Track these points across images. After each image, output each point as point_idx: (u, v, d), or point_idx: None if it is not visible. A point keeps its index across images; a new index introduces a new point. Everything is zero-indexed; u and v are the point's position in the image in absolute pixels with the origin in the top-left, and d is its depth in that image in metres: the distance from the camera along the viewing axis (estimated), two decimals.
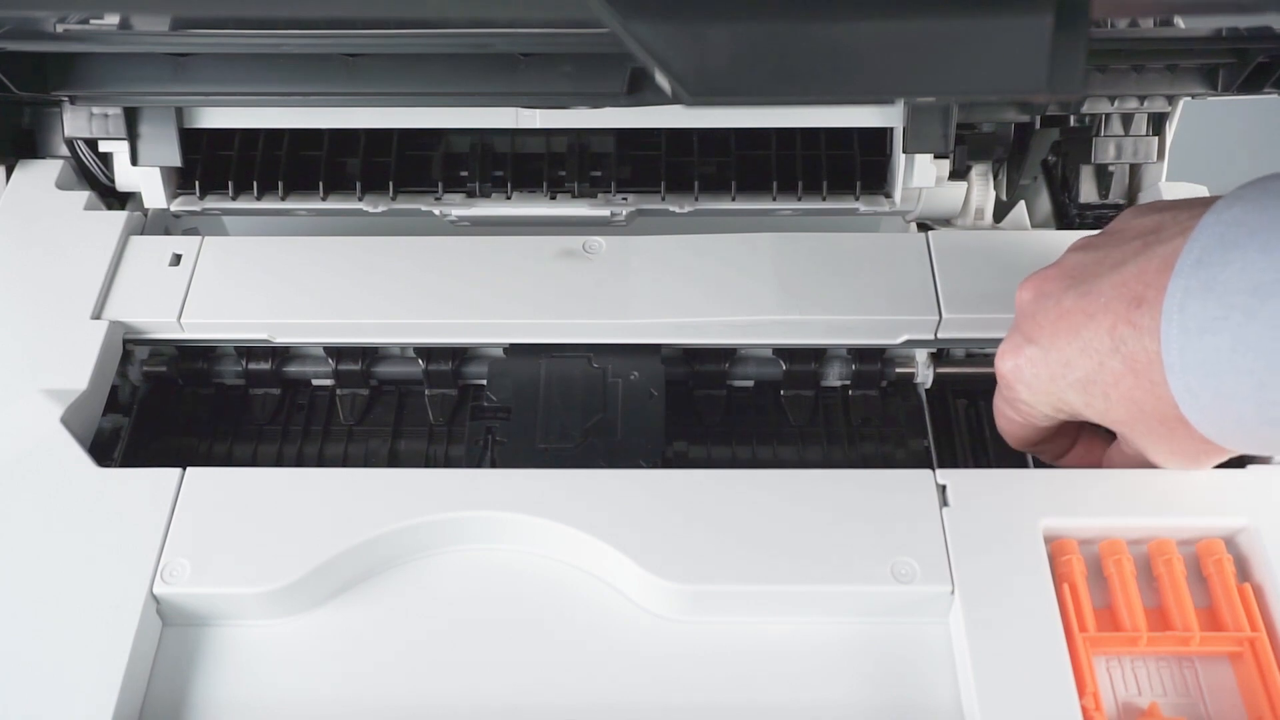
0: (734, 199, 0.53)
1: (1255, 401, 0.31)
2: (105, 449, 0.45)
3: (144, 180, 0.53)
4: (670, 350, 0.47)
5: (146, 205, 0.53)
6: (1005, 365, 0.39)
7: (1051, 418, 0.39)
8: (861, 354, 0.47)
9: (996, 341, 0.40)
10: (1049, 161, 0.57)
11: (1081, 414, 0.38)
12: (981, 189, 0.55)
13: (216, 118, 0.52)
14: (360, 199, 0.53)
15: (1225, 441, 0.35)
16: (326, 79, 0.48)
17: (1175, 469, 0.39)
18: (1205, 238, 0.32)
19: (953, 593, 0.37)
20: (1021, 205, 0.56)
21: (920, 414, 0.47)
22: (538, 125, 0.51)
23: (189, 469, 0.40)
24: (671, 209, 0.53)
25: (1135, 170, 0.54)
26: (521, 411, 0.44)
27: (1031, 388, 0.38)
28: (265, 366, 0.48)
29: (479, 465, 0.44)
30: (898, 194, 0.53)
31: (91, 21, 0.48)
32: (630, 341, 0.46)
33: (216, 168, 0.54)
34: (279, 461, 0.47)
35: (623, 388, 0.44)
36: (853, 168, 0.54)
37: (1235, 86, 0.49)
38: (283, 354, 0.48)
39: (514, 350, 0.46)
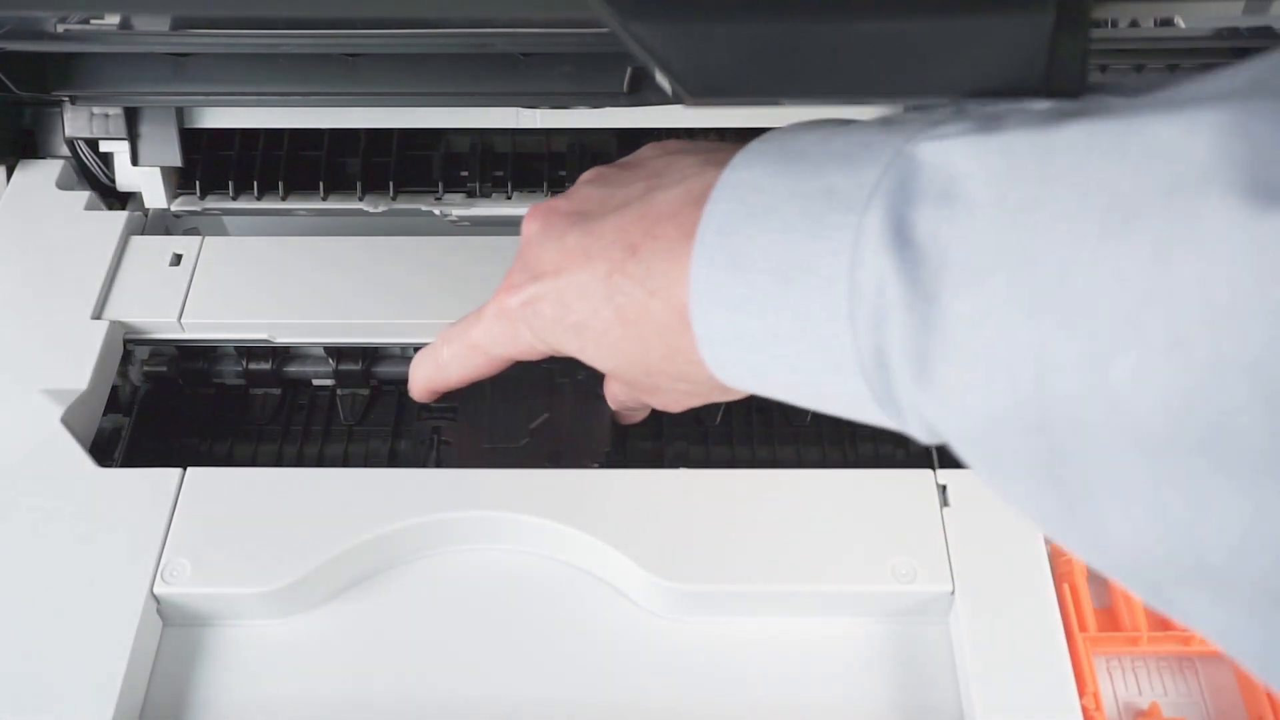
0: None
1: (784, 382, 0.30)
2: (105, 449, 0.45)
3: (144, 180, 0.53)
4: None
5: (147, 205, 0.53)
6: (513, 301, 0.36)
7: (536, 356, 0.37)
8: None
9: None
10: None
11: (575, 357, 0.36)
12: None
13: (216, 118, 0.52)
14: (360, 199, 0.53)
15: (747, 389, 0.33)
16: (326, 79, 0.48)
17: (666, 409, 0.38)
18: (727, 201, 0.30)
19: (953, 593, 0.37)
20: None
21: None
22: (538, 125, 0.51)
23: (189, 469, 0.40)
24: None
25: None
26: (468, 412, 0.44)
27: (535, 328, 0.35)
28: (265, 366, 0.48)
29: (424, 465, 0.44)
30: None
31: (91, 21, 0.48)
32: None
33: (217, 168, 0.54)
34: (279, 461, 0.47)
35: (570, 388, 0.44)
36: None
37: None
38: (283, 354, 0.48)
39: None
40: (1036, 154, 0.23)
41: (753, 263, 0.29)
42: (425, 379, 0.41)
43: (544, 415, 0.44)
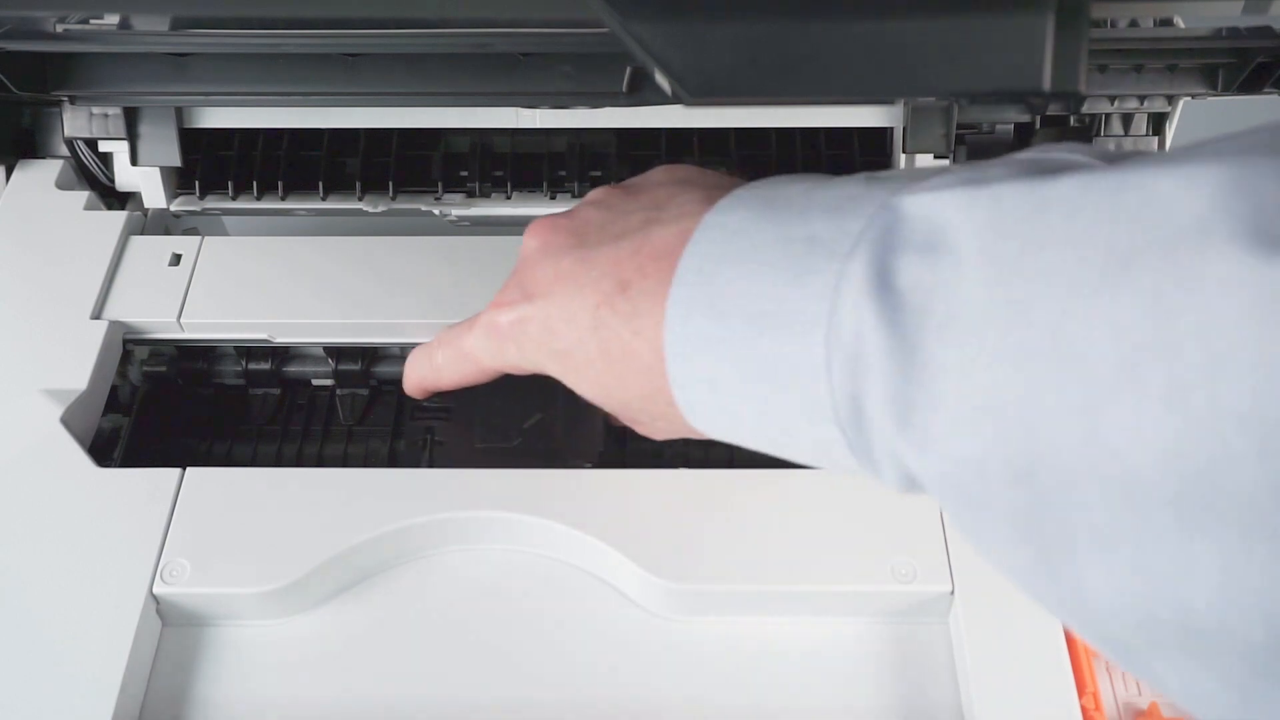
0: None
1: (756, 428, 0.30)
2: (105, 449, 0.45)
3: (144, 180, 0.53)
4: None
5: (146, 205, 0.53)
6: (503, 319, 0.35)
7: (524, 371, 0.37)
8: None
9: None
10: None
11: (556, 378, 0.36)
12: None
13: (216, 118, 0.52)
14: (360, 199, 0.53)
15: (720, 437, 0.33)
16: (326, 79, 0.48)
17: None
18: (707, 243, 0.30)
19: (953, 593, 0.37)
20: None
21: None
22: (538, 125, 0.51)
23: (189, 469, 0.40)
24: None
25: None
26: (461, 411, 0.44)
27: (522, 348, 0.35)
28: (265, 366, 0.48)
29: (417, 465, 0.44)
30: None
31: (91, 21, 0.48)
32: None
33: (216, 168, 0.54)
34: (279, 461, 0.47)
35: (564, 387, 0.44)
36: (853, 168, 0.53)
37: (1235, 86, 0.49)
38: (283, 354, 0.48)
39: None
40: (1028, 206, 0.23)
41: (730, 306, 0.28)
42: (418, 378, 0.41)
43: (537, 415, 0.44)
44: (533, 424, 0.44)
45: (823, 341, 0.26)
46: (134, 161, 0.52)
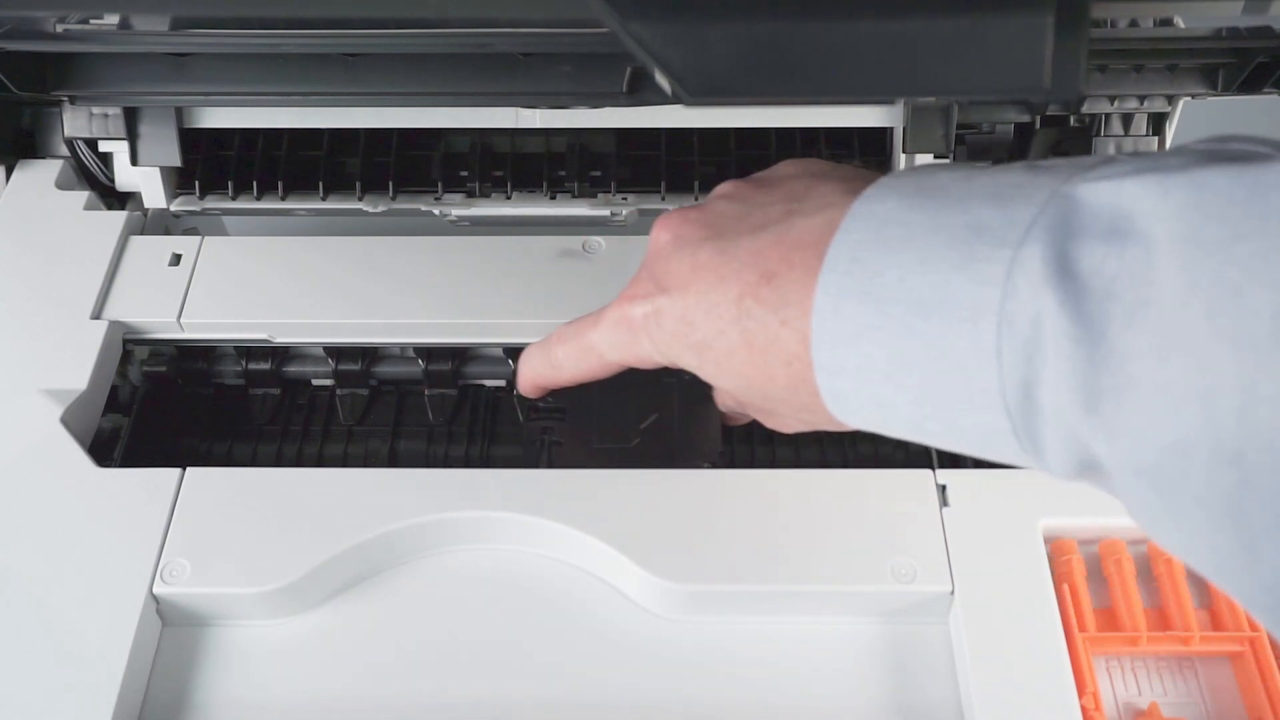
0: None
1: (908, 416, 0.29)
2: (105, 449, 0.45)
3: (144, 180, 0.53)
4: None
5: (146, 205, 0.53)
6: (637, 311, 0.35)
7: (651, 365, 0.37)
8: None
9: None
10: None
11: (693, 373, 0.35)
12: None
13: (216, 118, 0.52)
14: (360, 199, 0.53)
15: (869, 429, 0.32)
16: (326, 79, 0.48)
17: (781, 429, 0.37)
18: (860, 232, 0.29)
19: (953, 593, 0.37)
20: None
21: None
22: (538, 125, 0.51)
23: (189, 469, 0.40)
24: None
25: None
26: (576, 412, 0.44)
27: (656, 341, 0.35)
28: (265, 366, 0.48)
29: (535, 466, 0.43)
30: None
31: (91, 21, 0.48)
32: None
33: (216, 168, 0.54)
34: (279, 461, 0.47)
35: (678, 387, 0.44)
36: (853, 168, 0.53)
37: (1235, 86, 0.49)
38: (283, 354, 0.48)
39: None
40: (1240, 191, 0.23)
41: (886, 293, 0.28)
42: (535, 375, 0.40)
43: (653, 415, 0.44)
44: (649, 424, 0.43)
45: (994, 328, 0.26)
46: (134, 161, 0.52)
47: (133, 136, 0.51)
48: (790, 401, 0.33)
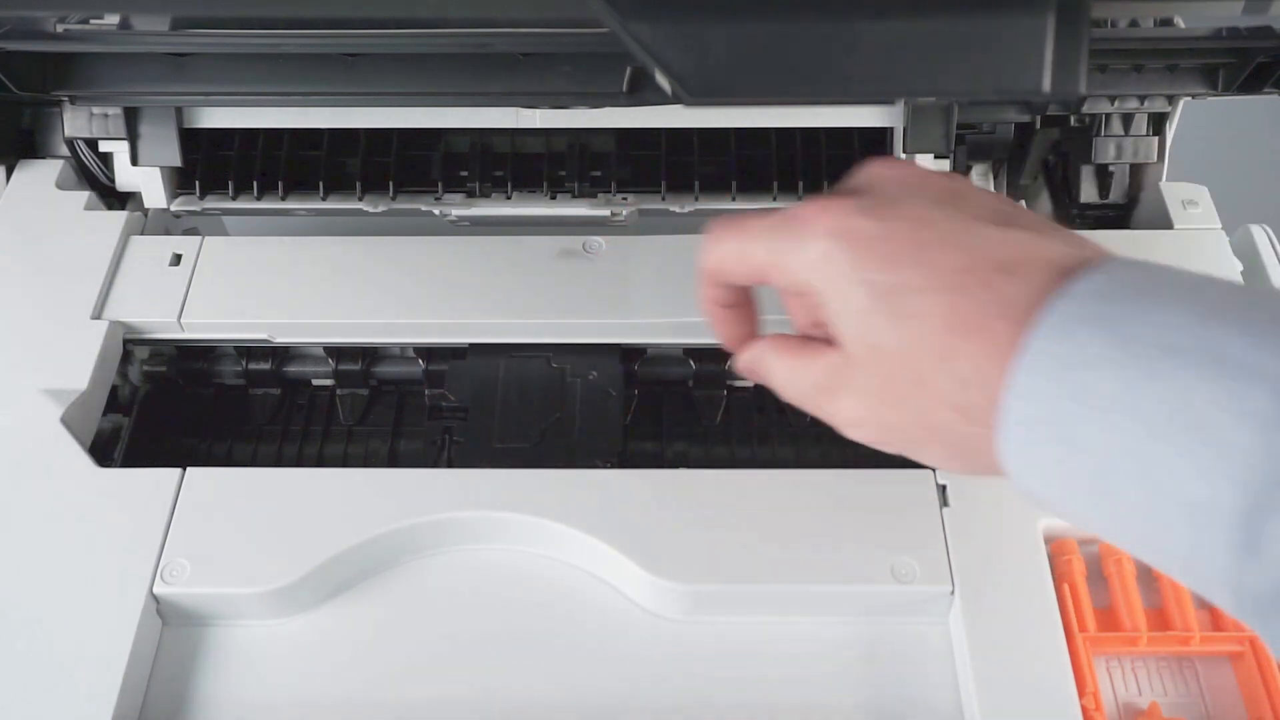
0: (734, 199, 0.53)
1: (1096, 466, 0.25)
2: (105, 449, 0.45)
3: (144, 180, 0.53)
4: (671, 350, 0.47)
5: (146, 205, 0.53)
6: (825, 220, 0.30)
7: (780, 282, 0.32)
8: None
9: None
10: (1049, 161, 0.57)
11: (829, 312, 0.30)
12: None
13: (216, 118, 0.52)
14: (360, 199, 0.53)
15: (1017, 477, 0.28)
16: (326, 79, 0.48)
17: (855, 432, 0.32)
18: (1120, 275, 0.27)
19: (953, 593, 0.37)
20: (1021, 205, 0.56)
21: None
22: (538, 125, 0.51)
23: (189, 469, 0.40)
24: (672, 209, 0.53)
25: (1135, 170, 0.54)
26: (479, 411, 0.44)
27: (830, 257, 0.30)
28: (265, 366, 0.48)
29: (435, 464, 0.44)
30: None
31: (91, 21, 0.48)
32: (632, 341, 0.46)
33: (216, 168, 0.54)
34: (279, 461, 0.47)
35: (581, 387, 0.44)
36: (853, 168, 0.53)
37: (1235, 86, 0.49)
38: (283, 354, 0.48)
39: (474, 350, 0.46)
40: None
41: (1136, 330, 0.25)
42: (710, 262, 0.34)
43: (555, 415, 0.44)
44: (550, 424, 0.44)
45: (1273, 394, 0.23)
46: (134, 161, 0.52)
47: (133, 136, 0.51)
48: (936, 398, 0.29)
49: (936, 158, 0.51)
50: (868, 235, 0.29)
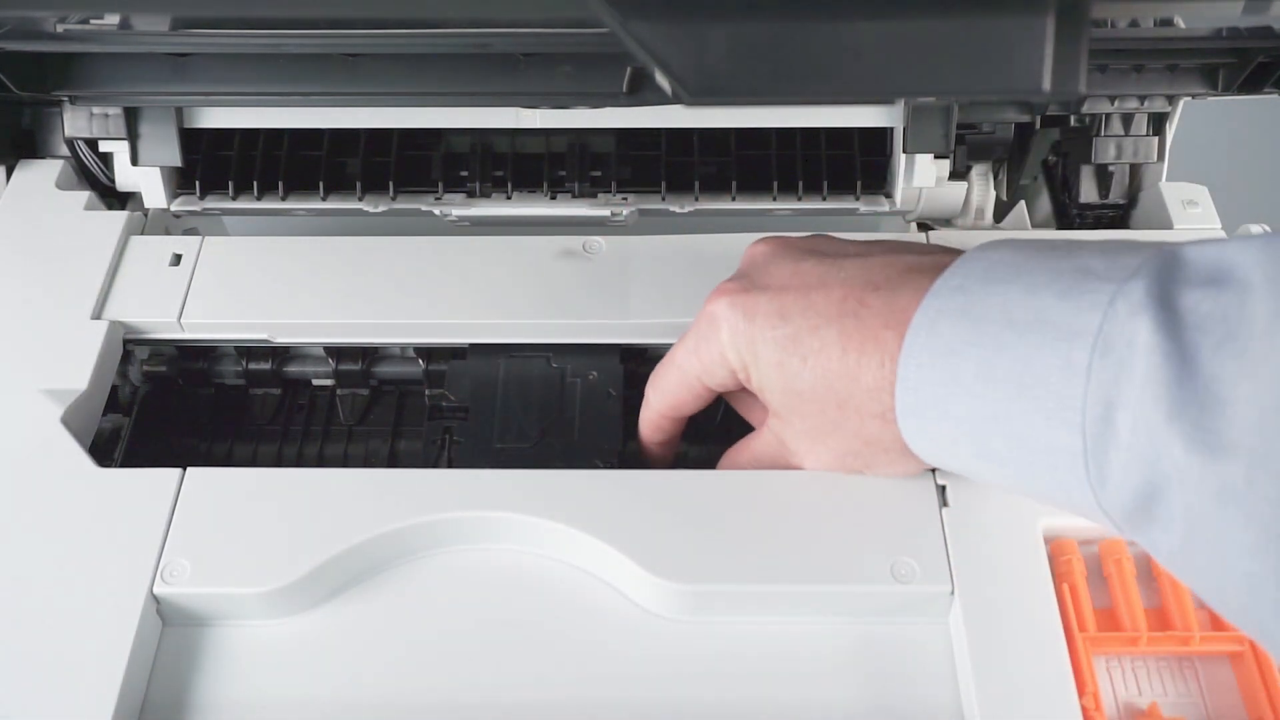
0: (734, 199, 0.53)
1: (978, 433, 0.31)
2: (105, 449, 0.45)
3: (144, 180, 0.53)
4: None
5: (146, 205, 0.53)
6: (720, 304, 0.37)
7: (716, 380, 0.38)
8: None
9: None
10: (1049, 161, 0.57)
11: (753, 380, 0.37)
12: (982, 189, 0.55)
13: (216, 118, 0.52)
14: (360, 199, 0.53)
15: (925, 458, 0.35)
16: (326, 79, 0.48)
17: (819, 468, 0.39)
18: (970, 266, 0.32)
19: (953, 593, 0.37)
20: (1022, 205, 0.56)
21: None
22: (538, 125, 0.51)
23: (189, 469, 0.40)
24: (672, 209, 0.53)
25: (1135, 170, 0.54)
26: (479, 411, 0.44)
27: (735, 330, 0.36)
28: (265, 366, 0.48)
29: (434, 465, 0.44)
30: (898, 194, 0.53)
31: (91, 21, 0.48)
32: (630, 342, 0.46)
33: (216, 168, 0.54)
34: (279, 461, 0.47)
35: (581, 388, 0.44)
36: (853, 168, 0.54)
37: (1235, 86, 0.49)
38: (283, 354, 0.48)
39: (474, 350, 0.46)
40: None
41: (985, 313, 0.30)
42: (642, 425, 0.42)
43: (555, 415, 0.44)
44: (550, 424, 0.44)
45: (1088, 348, 0.28)
46: (134, 161, 0.52)
47: (133, 136, 0.51)
48: (862, 410, 0.34)
49: (937, 157, 0.51)
50: (756, 303, 0.36)
